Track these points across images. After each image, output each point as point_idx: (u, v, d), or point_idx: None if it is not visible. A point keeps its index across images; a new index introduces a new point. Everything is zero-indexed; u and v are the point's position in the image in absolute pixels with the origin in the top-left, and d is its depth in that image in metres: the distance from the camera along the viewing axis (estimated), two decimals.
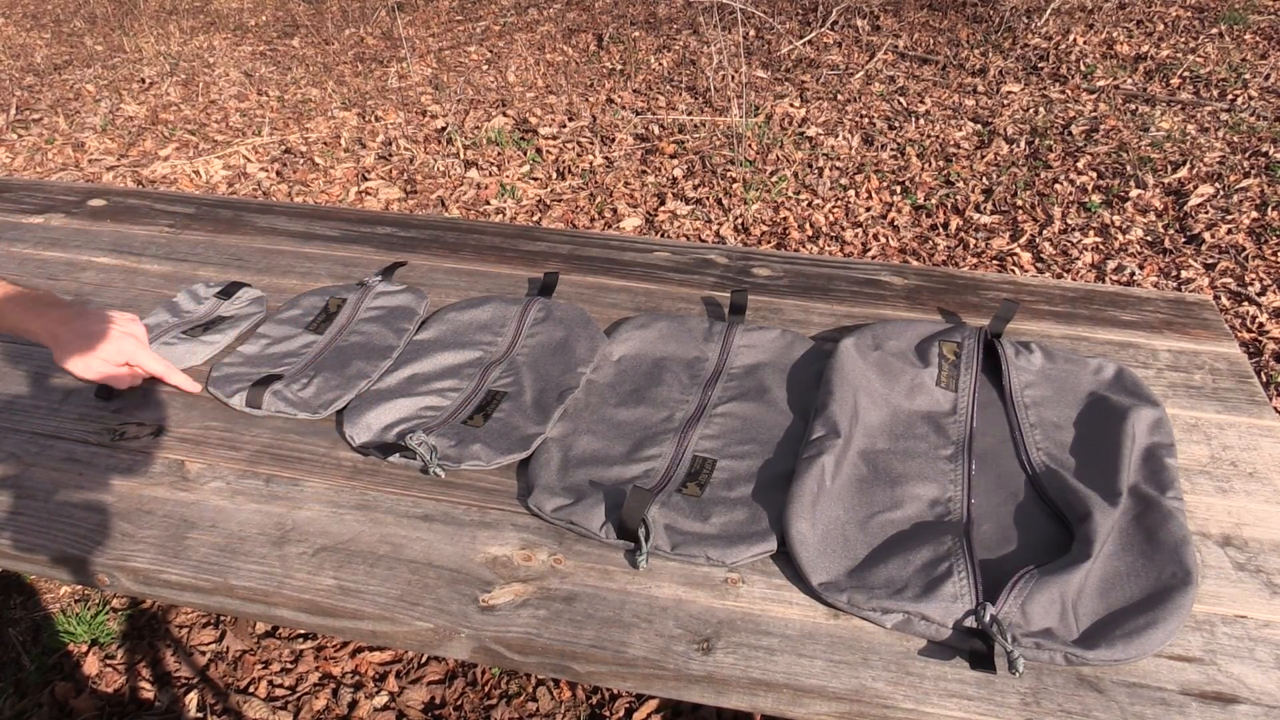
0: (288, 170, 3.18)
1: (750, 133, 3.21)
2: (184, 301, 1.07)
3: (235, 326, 1.02)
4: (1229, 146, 2.94)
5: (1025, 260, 2.45)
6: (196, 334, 1.01)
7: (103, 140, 3.46)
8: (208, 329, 1.02)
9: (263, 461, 0.84)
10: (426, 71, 4.02)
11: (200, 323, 1.03)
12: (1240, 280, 2.32)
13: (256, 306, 1.07)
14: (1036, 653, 0.63)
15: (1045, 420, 0.84)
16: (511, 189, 2.95)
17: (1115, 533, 0.71)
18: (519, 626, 0.68)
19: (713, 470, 0.79)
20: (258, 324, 1.05)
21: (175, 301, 1.07)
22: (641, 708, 1.39)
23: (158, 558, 0.74)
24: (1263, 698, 0.62)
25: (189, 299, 1.08)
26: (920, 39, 4.05)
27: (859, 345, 0.91)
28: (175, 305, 1.07)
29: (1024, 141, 3.08)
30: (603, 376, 0.93)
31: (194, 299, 1.08)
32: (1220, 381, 0.93)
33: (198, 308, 1.06)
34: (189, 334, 1.01)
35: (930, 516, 0.74)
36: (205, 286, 1.10)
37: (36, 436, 0.88)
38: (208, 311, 1.06)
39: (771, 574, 0.72)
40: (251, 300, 1.08)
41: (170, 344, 0.99)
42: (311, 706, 1.41)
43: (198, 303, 1.07)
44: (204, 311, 1.06)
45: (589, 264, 1.16)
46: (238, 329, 1.02)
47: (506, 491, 0.80)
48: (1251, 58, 3.61)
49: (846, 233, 2.64)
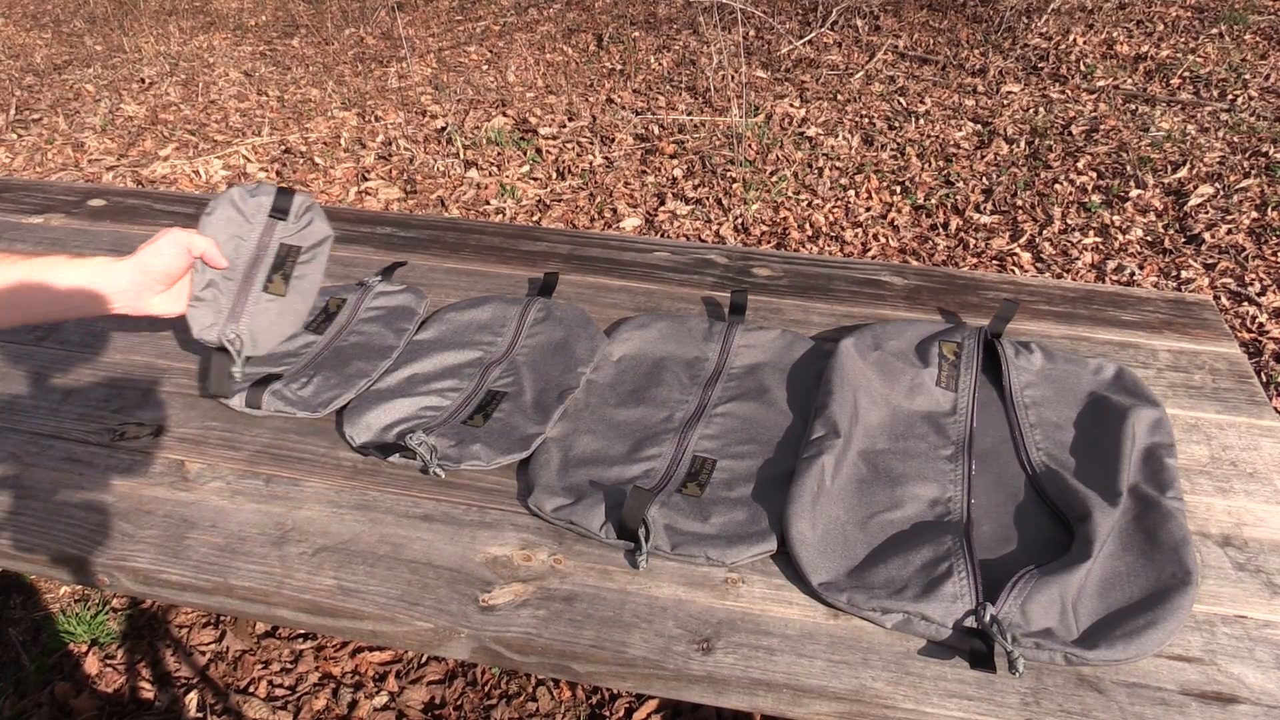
0: (288, 170, 3.18)
1: (750, 133, 3.21)
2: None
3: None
4: (1229, 146, 2.94)
5: (1025, 260, 2.45)
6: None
7: (102, 140, 3.46)
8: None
9: (263, 461, 0.84)
10: (426, 71, 4.02)
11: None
12: (1240, 280, 2.32)
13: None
14: (1036, 653, 0.63)
15: (1045, 420, 0.84)
16: (511, 189, 2.95)
17: (1115, 533, 0.71)
18: (519, 626, 0.68)
19: (713, 470, 0.79)
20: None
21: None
22: (641, 708, 1.39)
23: (158, 558, 0.74)
24: (1263, 698, 0.62)
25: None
26: (920, 39, 4.05)
27: (859, 345, 0.91)
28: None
29: (1024, 141, 3.08)
30: (603, 376, 0.93)
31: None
32: (1220, 381, 0.93)
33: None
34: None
35: (930, 516, 0.74)
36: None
37: (36, 436, 0.88)
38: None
39: (771, 574, 0.72)
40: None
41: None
42: (311, 706, 1.41)
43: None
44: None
45: (589, 264, 1.16)
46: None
47: (506, 491, 0.80)
48: (1251, 58, 3.61)
49: (846, 233, 2.64)
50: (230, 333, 0.87)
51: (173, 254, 0.83)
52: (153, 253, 0.82)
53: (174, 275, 0.85)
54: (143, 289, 0.82)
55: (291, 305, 0.91)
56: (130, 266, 0.81)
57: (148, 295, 0.83)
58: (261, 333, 0.89)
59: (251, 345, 0.89)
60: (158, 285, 0.83)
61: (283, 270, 0.92)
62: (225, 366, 0.88)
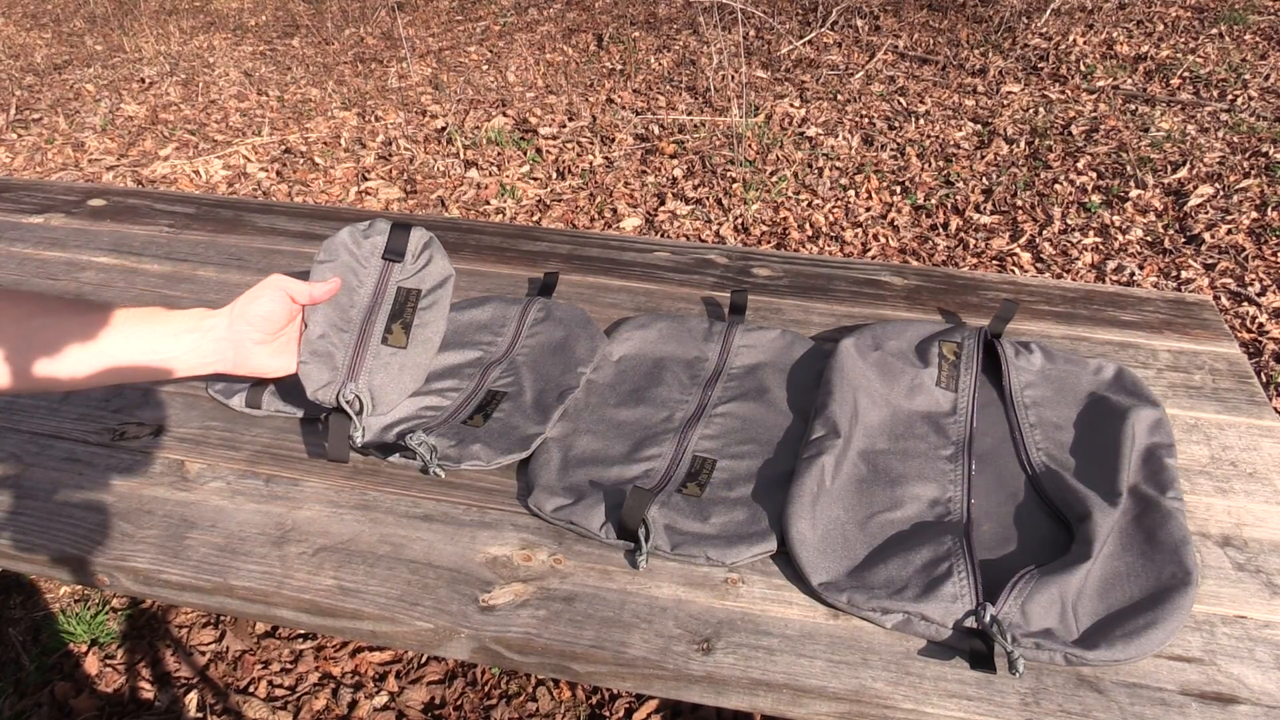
0: (288, 170, 3.18)
1: (750, 133, 3.21)
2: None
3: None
4: (1229, 147, 2.94)
5: (1025, 260, 2.45)
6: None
7: (103, 140, 3.46)
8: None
9: (263, 461, 0.84)
10: (426, 71, 4.02)
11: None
12: (1240, 280, 2.32)
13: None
14: (1036, 653, 0.63)
15: (1045, 420, 0.84)
16: (511, 189, 2.95)
17: (1115, 533, 0.71)
18: (519, 626, 0.68)
19: (713, 470, 0.79)
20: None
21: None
22: (641, 708, 1.39)
23: (158, 558, 0.74)
24: (1263, 698, 0.62)
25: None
26: (920, 39, 4.05)
27: (859, 345, 0.91)
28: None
29: (1024, 141, 3.08)
30: (603, 376, 0.93)
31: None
32: (1220, 382, 0.93)
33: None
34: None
35: (930, 516, 0.74)
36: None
37: (36, 436, 0.88)
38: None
39: (771, 574, 0.72)
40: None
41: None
42: (311, 706, 1.41)
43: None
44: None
45: (589, 264, 1.16)
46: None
47: (506, 491, 0.80)
48: (1251, 58, 3.61)
49: (846, 233, 2.64)
50: (349, 392, 0.79)
51: (272, 299, 0.77)
52: (251, 299, 0.76)
53: (276, 324, 0.78)
54: (243, 340, 0.76)
55: (413, 358, 0.85)
56: (226, 315, 0.75)
57: (248, 347, 0.77)
58: (381, 390, 0.82)
59: (371, 405, 0.81)
60: (257, 334, 0.77)
61: (402, 319, 0.85)
62: (343, 429, 0.80)
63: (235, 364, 0.77)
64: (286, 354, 0.81)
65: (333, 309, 0.83)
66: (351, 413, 0.79)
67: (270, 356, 0.79)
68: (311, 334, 0.81)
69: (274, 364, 0.80)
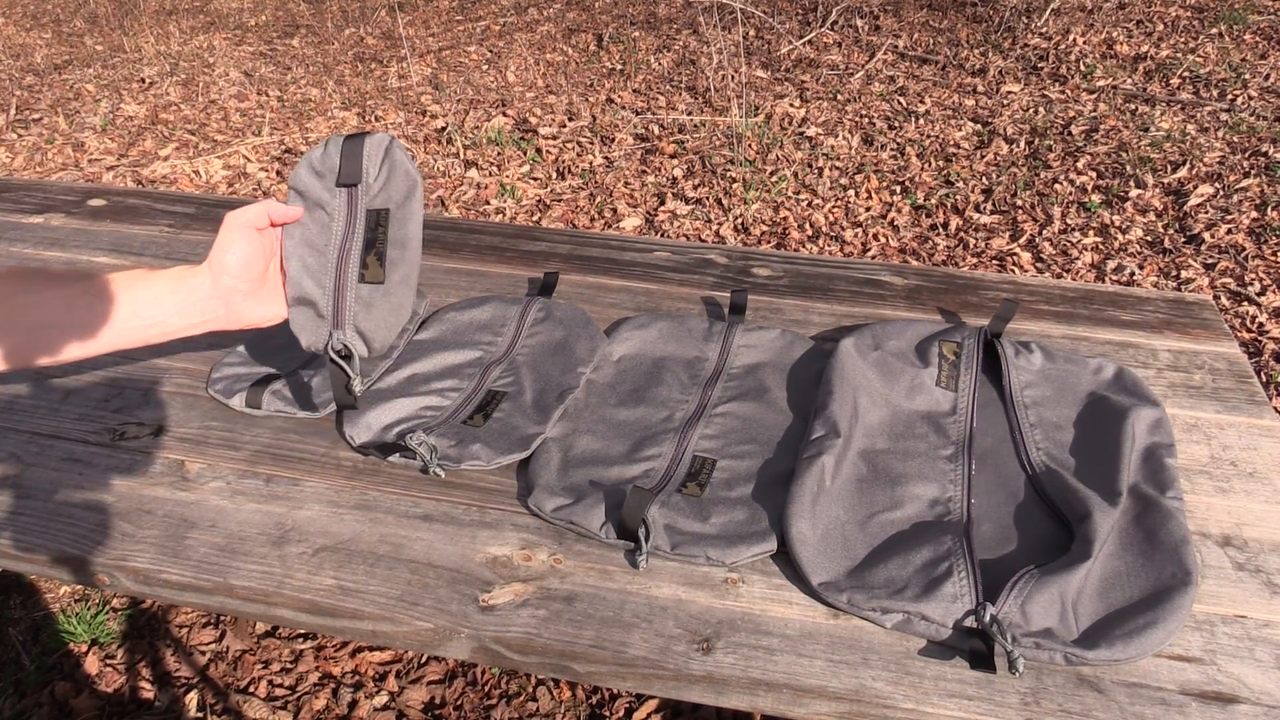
0: (288, 170, 3.18)
1: (750, 133, 3.21)
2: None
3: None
4: (1229, 146, 2.94)
5: (1025, 260, 2.45)
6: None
7: (103, 140, 3.46)
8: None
9: (263, 461, 0.84)
10: (426, 71, 4.01)
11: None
12: (1240, 280, 2.32)
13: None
14: (1036, 653, 0.63)
15: (1045, 420, 0.84)
16: (511, 189, 2.95)
17: (1115, 533, 0.71)
18: (519, 626, 0.68)
19: (713, 470, 0.79)
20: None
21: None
22: (641, 708, 1.39)
23: (158, 558, 0.74)
24: (1263, 698, 0.62)
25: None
26: (920, 39, 4.05)
27: (859, 345, 0.91)
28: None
29: (1024, 141, 3.08)
30: (603, 376, 0.93)
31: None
32: (1220, 381, 0.93)
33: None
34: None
35: (930, 516, 0.74)
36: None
37: (36, 436, 0.88)
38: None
39: (771, 574, 0.72)
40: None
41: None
42: (311, 706, 1.41)
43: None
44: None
45: (589, 264, 1.16)
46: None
47: (506, 491, 0.80)
48: (1251, 58, 3.61)
49: (846, 233, 2.64)
50: (337, 341, 0.76)
51: (241, 240, 0.72)
52: (221, 250, 0.72)
53: (255, 268, 0.74)
54: (231, 295, 0.73)
55: (395, 291, 0.78)
56: (208, 273, 0.72)
57: (237, 301, 0.74)
58: (371, 333, 0.78)
59: (366, 349, 0.78)
60: (244, 285, 0.74)
61: (375, 249, 0.78)
62: (341, 380, 0.77)
63: (229, 320, 0.74)
64: (275, 299, 0.78)
65: (307, 250, 0.78)
66: (343, 363, 0.77)
67: (259, 305, 0.76)
68: (292, 279, 0.77)
69: (266, 312, 0.77)
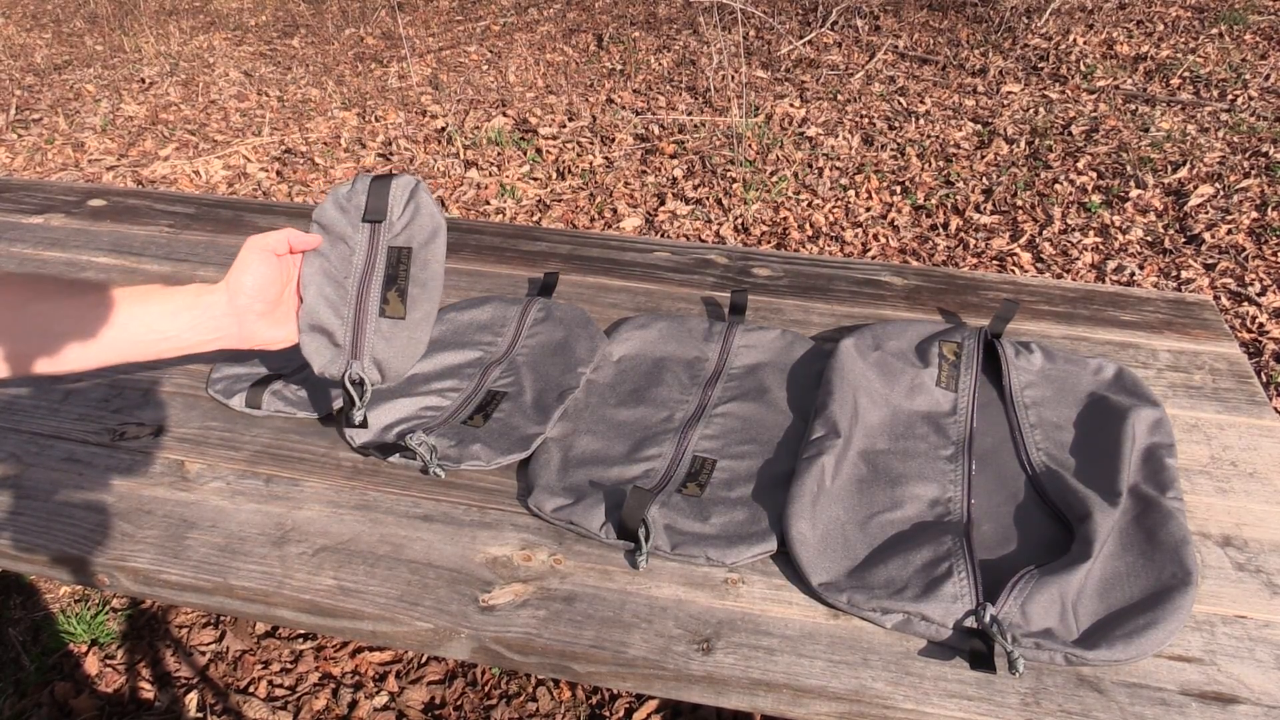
0: (288, 170, 3.18)
1: (750, 133, 3.21)
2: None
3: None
4: (1229, 146, 2.94)
5: (1025, 260, 2.45)
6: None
7: (103, 140, 3.46)
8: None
9: (263, 462, 0.84)
10: (426, 71, 4.02)
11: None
12: (1240, 280, 2.32)
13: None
14: (1036, 653, 0.63)
15: (1045, 420, 0.84)
16: (511, 189, 2.95)
17: (1115, 533, 0.71)
18: (519, 626, 0.68)
19: (713, 470, 0.79)
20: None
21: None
22: (641, 708, 1.39)
23: (158, 558, 0.74)
24: (1263, 698, 0.62)
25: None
26: (920, 39, 4.05)
27: (859, 345, 0.91)
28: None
29: (1024, 141, 3.08)
30: (603, 376, 0.93)
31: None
32: (1220, 381, 0.93)
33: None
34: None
35: (930, 517, 0.74)
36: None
37: (36, 436, 0.88)
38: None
39: (771, 574, 0.72)
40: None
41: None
42: (311, 706, 1.41)
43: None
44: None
45: (589, 264, 1.16)
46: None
47: (506, 491, 0.80)
48: (1251, 58, 3.61)
49: (846, 233, 2.64)
50: (355, 371, 0.78)
51: (259, 263, 0.74)
52: (240, 270, 0.74)
53: (271, 291, 0.76)
54: (245, 314, 0.74)
55: (415, 327, 0.80)
56: (224, 291, 0.73)
57: (251, 321, 0.75)
58: (388, 363, 0.80)
59: (379, 376, 0.80)
60: (259, 306, 0.75)
61: (396, 285, 0.80)
62: (351, 405, 0.80)
63: (240, 339, 0.75)
64: (288, 323, 0.79)
65: (326, 280, 0.80)
66: (355, 393, 0.79)
67: (272, 327, 0.78)
68: (308, 306, 0.79)
69: (277, 335, 0.78)
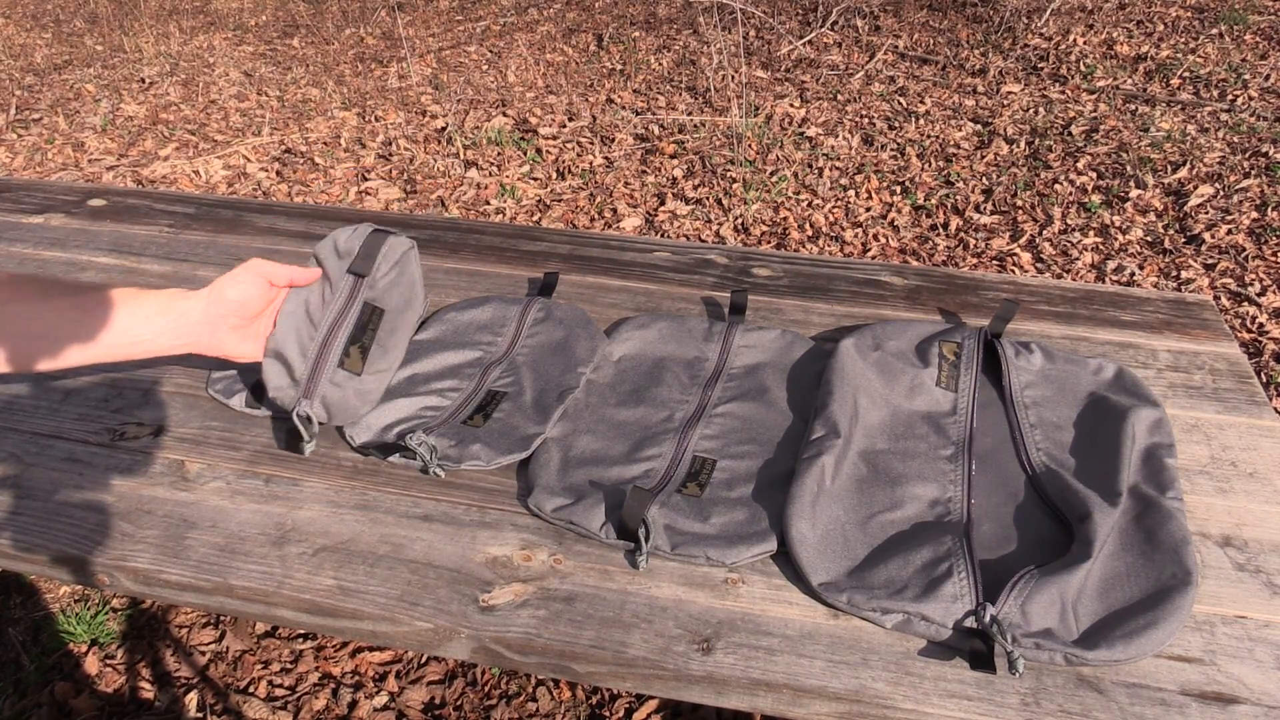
0: (288, 170, 3.18)
1: (750, 133, 3.21)
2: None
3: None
4: (1229, 147, 2.94)
5: (1025, 260, 2.45)
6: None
7: (103, 140, 3.46)
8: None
9: (263, 461, 0.84)
10: (426, 71, 4.02)
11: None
12: (1240, 280, 2.32)
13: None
14: (1036, 653, 0.63)
15: (1045, 420, 0.84)
16: (511, 189, 2.95)
17: (1115, 533, 0.71)
18: (519, 626, 0.68)
19: (713, 470, 0.79)
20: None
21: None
22: (641, 708, 1.39)
23: (158, 558, 0.74)
24: (1263, 698, 0.62)
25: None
26: (920, 39, 4.05)
27: (859, 345, 0.91)
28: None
29: (1024, 141, 3.08)
30: (603, 376, 0.93)
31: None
32: (1220, 382, 0.93)
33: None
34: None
35: (930, 517, 0.74)
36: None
37: (36, 436, 0.88)
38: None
39: (771, 574, 0.72)
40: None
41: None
42: (311, 706, 1.41)
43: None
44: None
45: (589, 264, 1.16)
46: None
47: (506, 491, 0.80)
48: (1251, 58, 3.61)
49: (846, 233, 2.64)
50: (304, 409, 0.80)
51: (250, 284, 0.77)
52: (229, 282, 0.76)
53: (252, 309, 0.78)
54: (218, 323, 0.76)
55: (367, 385, 0.83)
56: (203, 300, 0.75)
57: (222, 331, 0.77)
58: (335, 409, 0.82)
59: (325, 416, 0.81)
60: (234, 319, 0.77)
61: (361, 342, 0.83)
62: (298, 437, 0.83)
63: (208, 346, 0.77)
64: (256, 341, 0.81)
65: (304, 317, 0.82)
66: (303, 430, 0.80)
67: (241, 342, 0.79)
68: (279, 334, 0.80)
69: (244, 349, 0.79)
